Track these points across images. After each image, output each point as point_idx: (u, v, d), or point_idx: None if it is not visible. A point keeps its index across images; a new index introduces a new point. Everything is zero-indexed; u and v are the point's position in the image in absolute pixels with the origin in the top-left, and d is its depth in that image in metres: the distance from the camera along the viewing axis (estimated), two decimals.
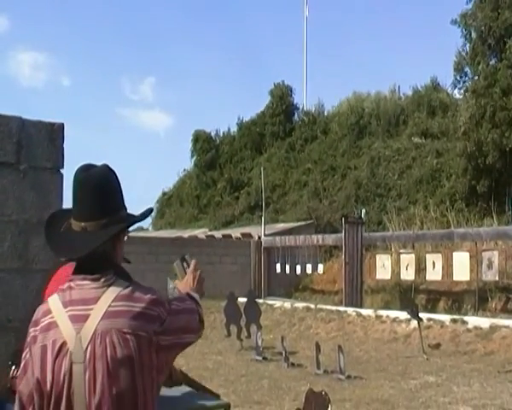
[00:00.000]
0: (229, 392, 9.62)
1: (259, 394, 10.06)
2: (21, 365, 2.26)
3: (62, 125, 4.00)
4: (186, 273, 2.71)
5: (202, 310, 2.49)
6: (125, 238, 2.47)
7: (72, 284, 2.24)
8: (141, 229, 38.81)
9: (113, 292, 2.18)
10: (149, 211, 2.53)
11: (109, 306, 2.15)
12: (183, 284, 2.67)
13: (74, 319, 2.17)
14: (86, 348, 2.12)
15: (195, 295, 2.52)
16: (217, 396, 4.37)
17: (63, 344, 2.15)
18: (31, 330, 2.25)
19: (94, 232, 2.24)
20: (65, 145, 3.96)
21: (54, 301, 2.24)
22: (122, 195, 2.40)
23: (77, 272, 2.26)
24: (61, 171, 4.03)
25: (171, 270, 2.83)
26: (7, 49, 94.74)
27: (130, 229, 2.67)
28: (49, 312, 2.23)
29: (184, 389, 4.01)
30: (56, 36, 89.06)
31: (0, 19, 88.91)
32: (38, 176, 3.88)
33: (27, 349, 2.24)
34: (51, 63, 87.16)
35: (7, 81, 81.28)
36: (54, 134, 3.96)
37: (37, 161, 3.92)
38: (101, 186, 2.28)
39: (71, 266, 3.38)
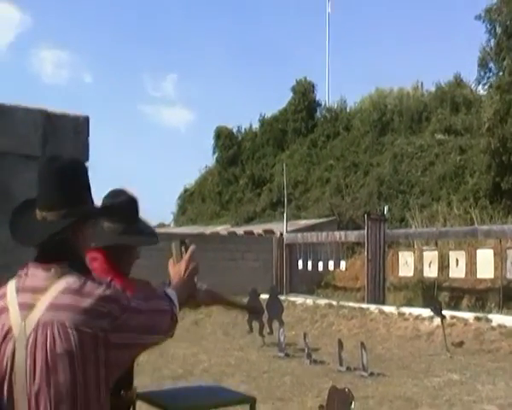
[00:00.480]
0: (252, 388, 9.57)
1: (282, 390, 10.03)
2: None
3: (87, 118, 3.98)
4: (182, 258, 2.64)
5: (177, 308, 2.42)
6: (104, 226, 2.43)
7: (27, 270, 2.24)
8: (162, 225, 38.98)
9: (62, 284, 2.15)
10: (113, 206, 2.49)
11: (55, 297, 2.13)
12: (175, 269, 2.62)
13: (22, 306, 2.17)
14: (29, 337, 2.12)
15: (172, 293, 2.45)
16: (260, 311, 4.42)
17: (9, 330, 2.16)
18: None
19: (52, 222, 2.23)
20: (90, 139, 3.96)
21: (11, 286, 2.25)
22: (88, 190, 2.38)
23: (36, 259, 2.24)
24: (86, 164, 4.03)
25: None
26: (30, 46, 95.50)
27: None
28: (4, 295, 2.24)
29: (210, 383, 3.98)
30: (78, 34, 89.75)
31: (23, 17, 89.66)
32: None
33: None
34: (73, 61, 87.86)
35: (30, 78, 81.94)
36: (79, 127, 3.94)
37: (63, 154, 3.89)
38: (63, 176, 2.27)
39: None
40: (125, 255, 3.30)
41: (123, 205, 3.32)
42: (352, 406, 7.82)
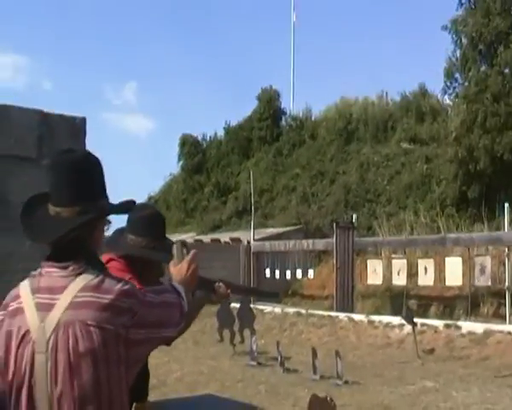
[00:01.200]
0: (227, 398, 9.49)
1: (258, 399, 9.93)
2: None
3: (84, 119, 3.88)
4: (183, 258, 2.62)
5: (186, 303, 2.39)
6: (106, 228, 2.39)
7: (42, 270, 2.19)
8: None
9: (80, 282, 2.11)
10: (130, 202, 2.44)
11: (75, 296, 2.09)
12: (176, 268, 2.59)
13: (40, 307, 2.12)
14: (49, 339, 2.07)
15: (179, 288, 2.42)
16: (276, 295, 4.49)
17: (27, 332, 2.11)
18: (10, 304, 2.21)
19: (67, 218, 2.16)
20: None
21: (24, 287, 2.19)
22: (103, 183, 2.31)
23: (49, 258, 2.19)
24: None
25: None
26: None
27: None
28: (18, 297, 2.19)
29: (219, 397, 3.93)
30: (37, 39, 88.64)
31: None
32: None
33: None
34: (32, 66, 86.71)
35: None
36: (75, 128, 3.84)
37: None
38: (77, 171, 2.20)
39: (104, 257, 3.29)
40: (145, 270, 3.26)
41: (147, 219, 3.29)
42: None
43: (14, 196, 3.67)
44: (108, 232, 3.09)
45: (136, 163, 76.53)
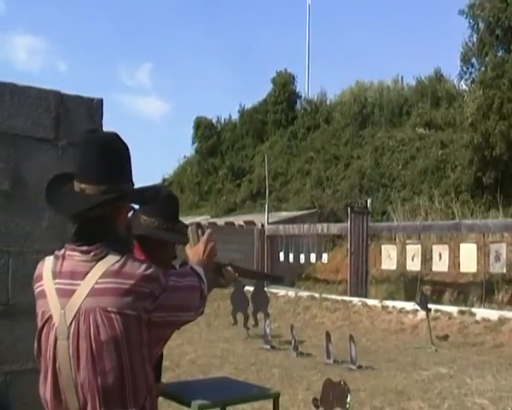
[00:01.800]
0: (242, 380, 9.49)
1: (271, 382, 9.91)
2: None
3: (101, 100, 3.85)
4: (199, 241, 2.59)
5: (206, 285, 2.38)
6: (130, 213, 2.41)
7: (65, 252, 2.18)
8: None
9: (101, 267, 2.10)
10: (155, 189, 2.43)
11: (96, 282, 2.08)
12: (193, 251, 2.57)
13: (61, 292, 2.12)
14: (70, 325, 2.08)
15: (200, 270, 2.41)
16: (281, 279, 4.51)
17: (50, 318, 2.13)
18: (35, 286, 2.24)
19: (91, 195, 2.16)
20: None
21: (47, 269, 2.19)
22: (129, 168, 2.30)
23: (73, 238, 2.18)
24: None
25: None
26: (3, 32, 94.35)
27: None
28: (40, 278, 2.21)
29: (235, 379, 3.92)
30: (53, 20, 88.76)
31: None
32: None
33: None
34: (48, 48, 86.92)
35: (2, 65, 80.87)
36: (92, 110, 3.81)
37: (76, 138, 3.76)
38: (105, 150, 2.20)
39: None
40: (157, 251, 3.23)
41: (161, 200, 3.27)
42: (348, 399, 7.78)
43: (30, 177, 3.65)
44: None
45: (150, 145, 76.69)
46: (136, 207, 2.61)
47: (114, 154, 2.22)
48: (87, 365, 2.06)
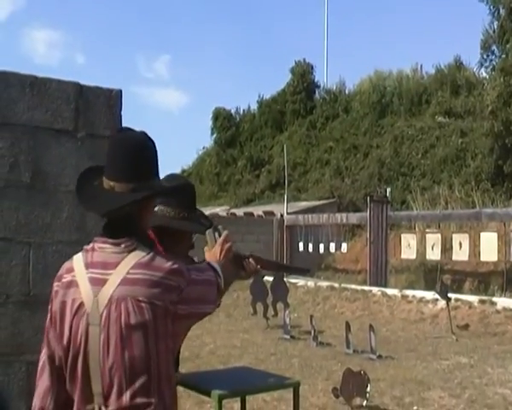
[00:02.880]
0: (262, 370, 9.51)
1: (291, 372, 9.93)
2: (48, 316, 2.35)
3: (120, 91, 3.86)
4: (216, 243, 2.70)
5: (222, 281, 2.48)
6: (155, 209, 2.59)
7: (95, 245, 2.27)
8: None
9: (132, 259, 2.19)
10: (183, 186, 2.48)
11: (127, 273, 2.17)
12: (211, 253, 2.68)
13: (93, 281, 2.21)
14: (102, 312, 2.17)
15: (216, 266, 2.50)
16: (307, 271, 4.54)
17: (81, 305, 2.21)
18: (54, 284, 2.33)
19: (120, 193, 2.24)
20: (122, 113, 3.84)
21: (78, 261, 2.28)
22: (157, 165, 2.38)
23: (103, 233, 2.27)
24: None
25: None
26: (22, 26, 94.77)
27: None
28: (71, 270, 2.29)
29: (255, 369, 3.94)
30: (71, 13, 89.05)
31: None
32: (96, 144, 3.73)
33: (51, 303, 2.33)
34: (66, 41, 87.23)
35: (21, 59, 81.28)
36: (112, 101, 3.82)
37: (95, 129, 3.78)
38: (134, 149, 2.28)
39: None
40: (174, 240, 3.22)
41: (177, 190, 3.26)
42: (368, 388, 7.80)
43: (50, 169, 3.68)
44: None
45: (168, 137, 76.79)
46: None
47: (142, 152, 2.31)
48: (116, 349, 2.15)
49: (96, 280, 2.21)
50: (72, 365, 2.23)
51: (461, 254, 18.16)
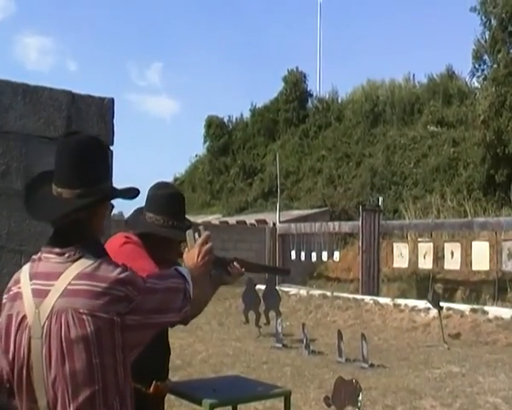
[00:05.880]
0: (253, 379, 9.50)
1: (283, 381, 9.92)
2: None
3: (112, 100, 3.86)
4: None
5: (191, 287, 2.38)
6: (112, 213, 2.40)
7: (41, 255, 2.21)
8: None
9: (76, 269, 2.12)
10: (134, 189, 2.42)
11: (69, 284, 2.10)
12: (189, 255, 2.59)
13: (36, 293, 2.15)
14: (43, 325, 2.11)
15: (184, 271, 2.42)
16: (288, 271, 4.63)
17: (24, 317, 2.15)
18: (3, 297, 2.28)
19: (67, 200, 2.18)
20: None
21: (24, 272, 2.23)
22: (106, 167, 2.32)
23: (49, 241, 2.21)
24: (111, 148, 3.91)
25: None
26: (13, 32, 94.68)
27: None
28: (18, 282, 2.22)
29: (246, 378, 3.94)
30: (63, 20, 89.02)
31: (7, 2, 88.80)
32: None
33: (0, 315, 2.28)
34: (58, 48, 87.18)
35: (13, 65, 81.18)
36: (104, 109, 3.83)
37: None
38: (79, 153, 2.21)
39: (117, 237, 3.29)
40: (163, 248, 3.23)
41: (167, 198, 3.27)
42: (360, 397, 7.76)
43: None
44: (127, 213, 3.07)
45: (161, 145, 76.83)
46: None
47: (88, 157, 2.24)
48: (57, 363, 2.09)
49: (39, 292, 2.15)
50: (18, 379, 2.18)
51: (453, 263, 18.19)
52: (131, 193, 2.41)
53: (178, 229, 3.20)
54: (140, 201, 3.29)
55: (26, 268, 2.25)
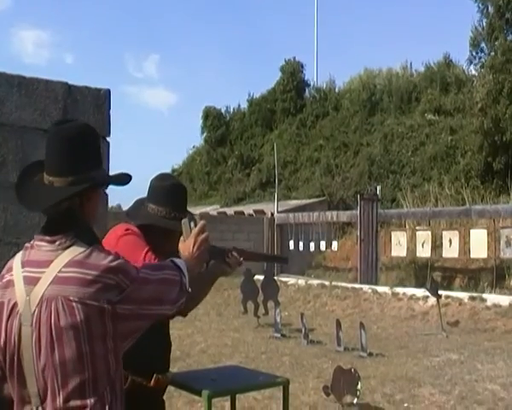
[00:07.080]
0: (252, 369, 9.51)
1: (282, 371, 9.94)
2: None
3: (109, 91, 3.85)
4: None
5: (187, 279, 2.38)
6: (109, 205, 2.40)
7: (33, 243, 2.22)
8: None
9: (66, 256, 2.13)
10: (126, 175, 2.40)
11: (59, 271, 2.11)
12: (184, 245, 2.59)
13: (27, 280, 2.16)
14: (34, 312, 2.11)
15: (180, 263, 2.41)
16: (286, 260, 4.60)
17: (15, 305, 2.16)
18: (4, 277, 2.27)
19: (59, 188, 2.18)
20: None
21: (17, 260, 2.23)
22: (98, 154, 2.32)
23: (42, 229, 2.21)
24: (108, 139, 3.91)
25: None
26: (10, 25, 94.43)
27: None
28: (10, 269, 2.25)
29: (245, 368, 3.95)
30: (59, 14, 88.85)
31: None
32: None
33: None
34: (54, 41, 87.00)
35: (10, 58, 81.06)
36: (100, 100, 3.81)
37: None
38: (70, 141, 2.21)
39: (117, 228, 3.28)
40: (164, 240, 3.21)
41: (169, 189, 3.26)
42: (359, 386, 7.81)
43: None
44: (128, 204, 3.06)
45: (158, 136, 76.86)
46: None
47: (79, 144, 2.23)
48: (46, 350, 2.09)
49: (30, 279, 2.16)
50: (9, 366, 2.19)
51: (451, 251, 18.19)
52: (123, 179, 2.41)
53: (180, 220, 3.21)
54: (140, 192, 3.29)
55: (18, 256, 2.26)
